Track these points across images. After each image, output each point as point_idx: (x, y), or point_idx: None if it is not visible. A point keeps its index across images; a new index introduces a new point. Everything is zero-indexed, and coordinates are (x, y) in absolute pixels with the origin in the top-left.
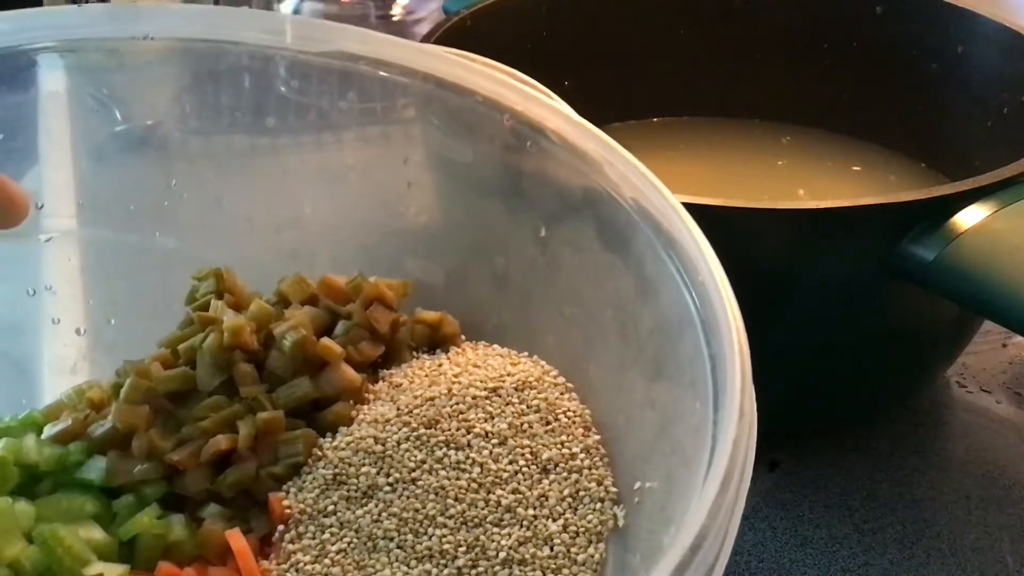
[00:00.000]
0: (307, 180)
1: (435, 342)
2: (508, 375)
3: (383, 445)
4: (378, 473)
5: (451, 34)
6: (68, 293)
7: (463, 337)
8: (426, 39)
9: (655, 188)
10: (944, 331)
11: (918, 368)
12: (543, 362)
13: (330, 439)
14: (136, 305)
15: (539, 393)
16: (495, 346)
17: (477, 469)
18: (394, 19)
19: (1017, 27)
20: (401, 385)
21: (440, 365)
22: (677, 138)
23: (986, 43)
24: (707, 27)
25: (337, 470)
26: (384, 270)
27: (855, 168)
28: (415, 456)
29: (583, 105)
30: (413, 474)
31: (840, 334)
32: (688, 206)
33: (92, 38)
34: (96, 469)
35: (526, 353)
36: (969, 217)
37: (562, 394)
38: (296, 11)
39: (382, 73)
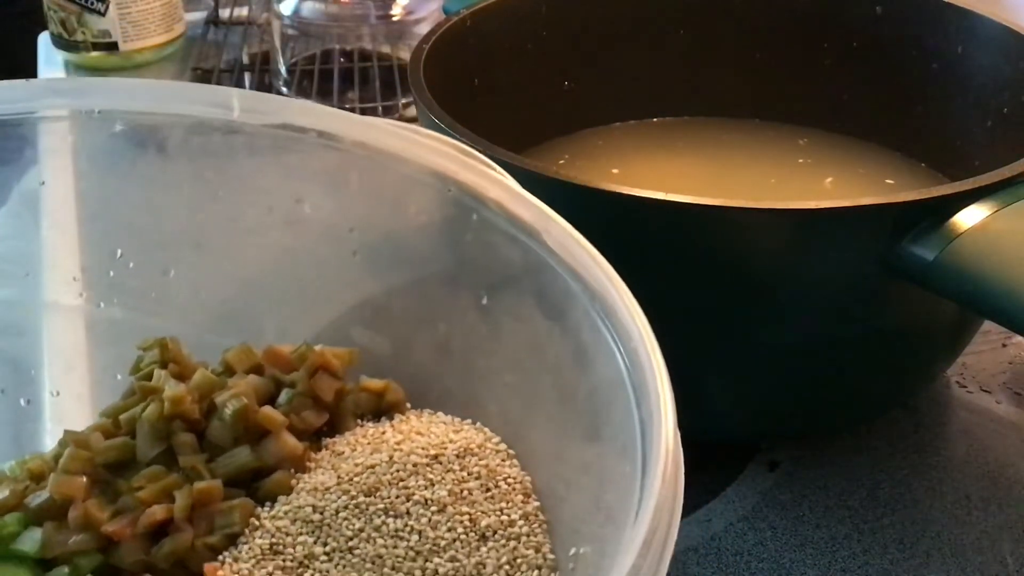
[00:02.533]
0: (254, 250)
1: (380, 410)
2: (450, 442)
3: (321, 514)
4: (315, 542)
5: (451, 34)
6: (12, 363)
7: (408, 405)
8: (426, 39)
9: (591, 257)
10: (944, 331)
11: (918, 368)
12: (486, 429)
13: (268, 508)
14: (82, 375)
15: (480, 460)
16: (439, 413)
17: (415, 537)
18: (394, 19)
19: (1017, 27)
20: (343, 453)
21: (383, 433)
22: (677, 138)
23: (986, 43)
24: (707, 27)
25: (274, 540)
26: (330, 339)
27: (853, 168)
28: (353, 525)
29: (583, 105)
30: (351, 543)
31: (840, 334)
32: (688, 206)
33: (37, 114)
34: (31, 540)
35: (469, 420)
36: (969, 217)
37: (503, 460)
38: (296, 11)
39: (329, 145)
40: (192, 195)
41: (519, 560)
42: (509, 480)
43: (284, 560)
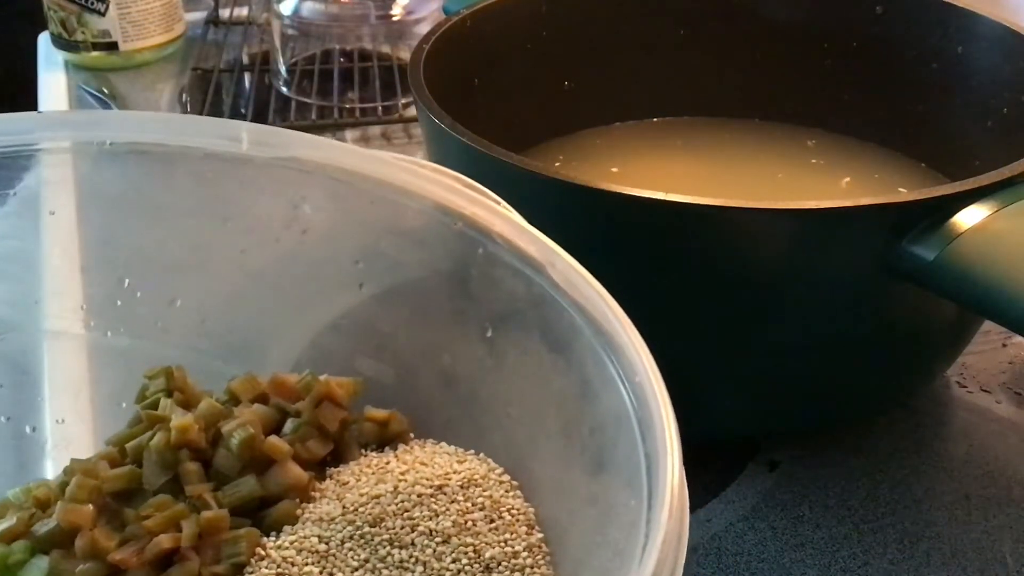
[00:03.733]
0: (260, 280)
1: (384, 440)
2: (454, 473)
3: (327, 544)
4: (321, 573)
5: (451, 34)
6: (18, 391)
7: (412, 435)
8: (426, 39)
9: (595, 291)
10: (944, 331)
11: (918, 368)
12: (489, 460)
13: (274, 538)
14: (87, 403)
15: (484, 491)
16: (443, 443)
17: (420, 568)
18: (394, 19)
19: (1017, 27)
20: (348, 483)
21: (388, 463)
22: (677, 138)
23: (986, 43)
24: (707, 27)
25: (280, 570)
26: (335, 369)
27: (853, 168)
28: (359, 555)
29: (583, 105)
30: (356, 574)
31: (840, 334)
32: (688, 206)
33: (46, 145)
34: (38, 568)
35: (473, 451)
36: (969, 217)
37: (507, 492)
38: (296, 11)
39: (336, 178)
40: (198, 224)
41: None
42: (513, 511)
43: None
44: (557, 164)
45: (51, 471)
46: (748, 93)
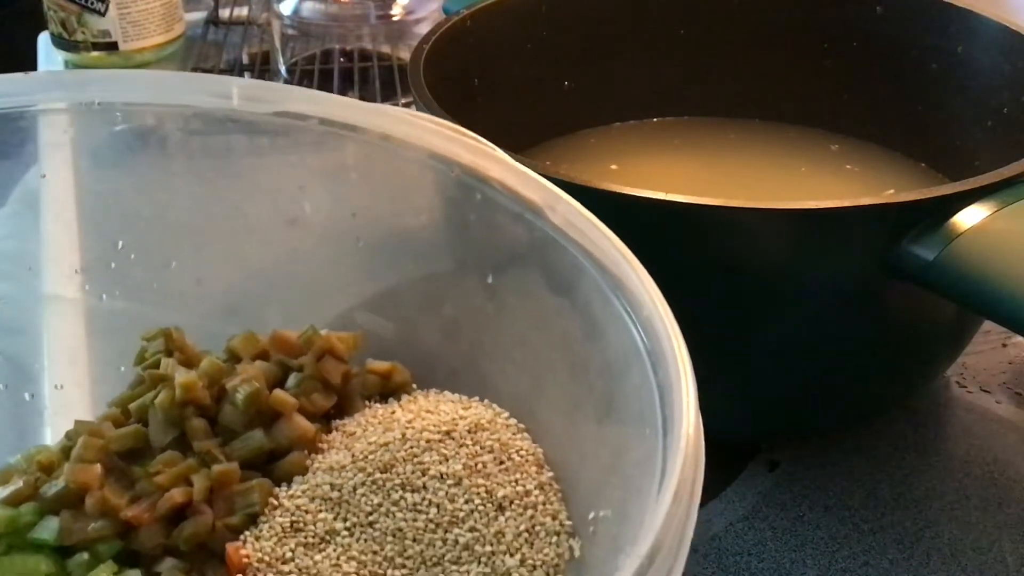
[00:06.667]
0: (254, 239)
1: (387, 391)
2: (461, 418)
3: (339, 491)
4: (335, 518)
5: (451, 34)
6: (15, 358)
7: (415, 386)
8: (426, 39)
9: (598, 231)
10: (944, 331)
11: (918, 368)
12: (495, 405)
13: (286, 488)
14: (85, 368)
15: (492, 434)
16: (446, 392)
17: (434, 510)
18: (394, 19)
19: (1017, 27)
20: (355, 433)
21: (393, 412)
22: (677, 138)
23: (986, 43)
24: (707, 27)
25: (294, 518)
26: (335, 324)
27: (853, 168)
28: (372, 500)
29: (583, 105)
30: (370, 518)
31: (840, 334)
32: (688, 206)
33: (37, 107)
34: (49, 529)
35: (477, 398)
36: (969, 217)
37: (514, 434)
38: (296, 11)
39: (329, 131)
40: (193, 184)
41: (537, 527)
42: (522, 452)
43: (306, 537)
44: (548, 163)
45: (51, 437)
46: (747, 93)
